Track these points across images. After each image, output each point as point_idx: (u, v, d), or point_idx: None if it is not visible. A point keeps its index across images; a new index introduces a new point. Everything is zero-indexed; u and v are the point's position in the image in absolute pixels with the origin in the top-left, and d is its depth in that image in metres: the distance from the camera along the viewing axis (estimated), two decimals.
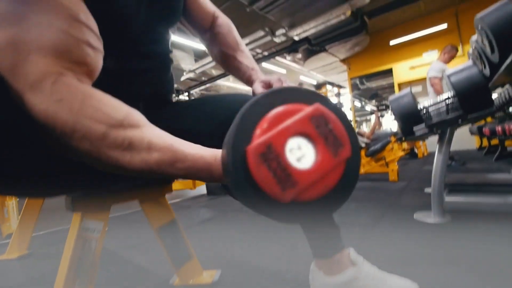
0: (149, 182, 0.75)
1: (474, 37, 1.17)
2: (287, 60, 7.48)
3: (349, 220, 1.34)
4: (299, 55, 6.75)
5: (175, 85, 0.61)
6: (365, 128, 17.99)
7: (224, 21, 0.72)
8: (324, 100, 0.31)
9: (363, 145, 2.73)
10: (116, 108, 0.35)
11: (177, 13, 0.61)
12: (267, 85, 0.63)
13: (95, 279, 0.61)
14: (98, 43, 0.40)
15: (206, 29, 0.72)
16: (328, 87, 10.15)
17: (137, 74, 0.56)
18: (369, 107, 14.42)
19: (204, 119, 0.60)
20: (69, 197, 0.59)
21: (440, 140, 1.21)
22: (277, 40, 5.14)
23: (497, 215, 1.17)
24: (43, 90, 0.32)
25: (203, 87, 8.70)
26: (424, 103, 1.17)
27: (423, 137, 1.40)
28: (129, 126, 0.35)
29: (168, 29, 0.62)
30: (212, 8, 0.72)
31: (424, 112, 1.19)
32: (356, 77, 7.35)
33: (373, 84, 8.48)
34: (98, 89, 0.37)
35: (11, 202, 1.83)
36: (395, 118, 1.17)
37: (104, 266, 1.01)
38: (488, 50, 0.98)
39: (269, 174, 0.26)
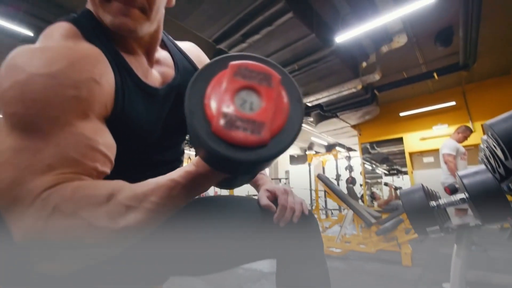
0: None
1: (485, 137, 1.17)
2: None
3: None
4: (311, 118, 7.01)
5: None
6: (377, 191, 17.44)
7: None
8: (234, 57, 0.33)
9: (373, 220, 2.59)
10: (103, 184, 0.37)
11: None
12: (273, 195, 0.62)
13: None
14: (106, 168, 0.42)
15: None
16: (339, 148, 10.25)
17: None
18: (379, 170, 14.21)
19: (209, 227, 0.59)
20: None
21: (458, 242, 1.12)
22: None
23: None
24: (36, 208, 0.34)
25: None
26: (439, 201, 1.12)
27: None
28: (118, 192, 0.36)
29: (183, 136, 0.64)
30: None
31: (438, 210, 1.13)
32: (366, 142, 7.43)
33: (384, 149, 8.49)
34: None
35: None
36: (407, 215, 1.11)
37: None
38: (501, 154, 0.96)
39: (241, 132, 0.29)
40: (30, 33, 2.96)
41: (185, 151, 0.71)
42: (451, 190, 1.39)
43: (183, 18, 2.95)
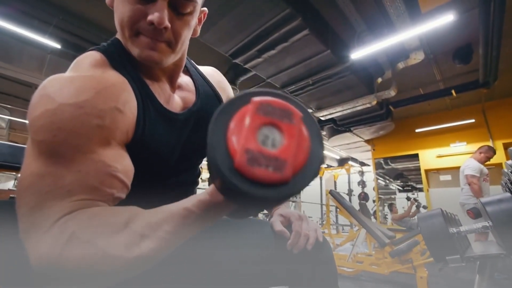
0: None
1: (509, 163, 1.14)
2: None
3: None
4: (324, 132, 6.96)
5: None
6: (395, 202, 16.92)
7: None
8: (256, 93, 0.34)
9: (387, 241, 2.51)
10: (119, 211, 0.39)
11: None
12: (287, 221, 0.62)
13: None
14: (122, 194, 0.43)
15: None
16: (351, 163, 10.07)
17: (164, 202, 0.58)
18: (393, 185, 13.80)
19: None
20: None
21: (480, 272, 1.07)
22: None
23: None
24: (53, 234, 0.35)
25: None
26: (460, 228, 1.08)
27: None
28: (133, 221, 0.37)
29: (202, 159, 0.66)
30: None
31: (458, 236, 1.09)
32: (380, 157, 7.28)
33: (398, 165, 8.29)
34: None
35: None
36: (426, 242, 1.07)
37: None
38: None
39: (263, 169, 0.29)
40: (58, 46, 3.13)
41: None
42: (475, 214, 1.34)
43: (201, 34, 3.04)
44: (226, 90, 0.73)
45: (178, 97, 0.59)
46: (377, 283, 2.34)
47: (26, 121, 0.41)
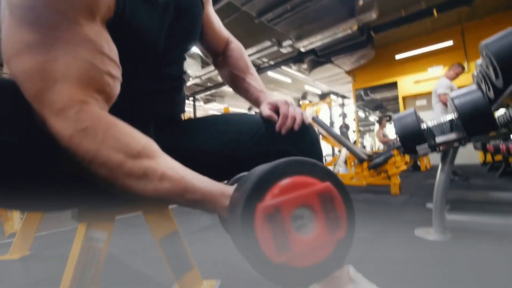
0: None
1: (479, 61, 1.19)
2: (292, 70, 7.55)
3: None
4: (305, 65, 6.82)
5: None
6: (369, 138, 18.03)
7: (237, 46, 0.76)
8: (335, 180, 0.34)
9: (365, 157, 2.73)
10: (135, 139, 0.38)
11: (194, 38, 0.64)
12: (274, 107, 0.65)
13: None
14: (118, 72, 0.43)
15: (219, 53, 0.75)
16: (333, 97, 10.20)
17: (152, 95, 0.58)
18: (372, 117, 14.41)
19: (213, 138, 0.62)
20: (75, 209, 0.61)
21: (443, 159, 1.21)
22: (283, 50, 5.21)
23: (500, 235, 1.16)
24: (68, 118, 0.34)
25: (208, 92, 8.78)
26: (427, 123, 1.18)
27: (425, 154, 1.41)
28: (145, 157, 0.37)
29: (185, 52, 0.64)
30: (226, 34, 0.76)
31: (427, 131, 1.20)
32: (360, 88, 7.38)
33: (377, 95, 8.50)
34: (115, 109, 0.39)
35: None
36: (398, 137, 1.18)
37: (104, 271, 1.02)
38: (492, 75, 1.00)
39: (270, 234, 0.28)
40: None
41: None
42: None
43: None
44: None
45: None
46: (357, 193, 2.63)
47: None
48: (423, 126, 1.21)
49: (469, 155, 5.51)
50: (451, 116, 1.15)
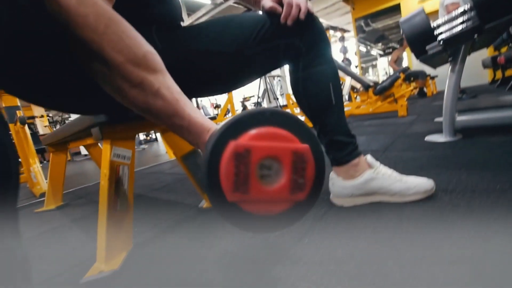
0: None
1: None
2: None
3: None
4: None
5: None
6: (372, 73, 17.30)
7: None
8: (316, 147, 0.33)
9: (371, 83, 2.67)
10: (138, 44, 0.37)
11: None
12: (278, 0, 0.61)
13: (133, 201, 0.67)
14: None
15: None
16: (331, 32, 9.58)
17: None
18: (375, 51, 13.70)
19: (219, 39, 0.61)
20: (96, 126, 0.62)
21: (454, 58, 1.17)
22: None
23: (510, 129, 1.18)
24: None
25: None
26: (437, 21, 1.11)
27: (434, 61, 1.35)
28: (145, 67, 0.36)
29: None
30: None
31: (438, 30, 1.14)
32: (360, 17, 6.88)
33: (379, 24, 7.94)
34: (116, 9, 0.37)
35: (35, 166, 1.93)
36: (407, 40, 1.12)
37: (136, 204, 1.10)
38: None
39: (233, 171, 0.28)
40: None
41: None
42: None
43: None
44: None
45: None
46: (363, 120, 2.64)
47: None
48: (433, 24, 1.14)
49: (477, 74, 5.34)
50: (462, 8, 1.08)
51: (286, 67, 0.70)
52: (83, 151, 5.25)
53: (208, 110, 8.99)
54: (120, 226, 0.63)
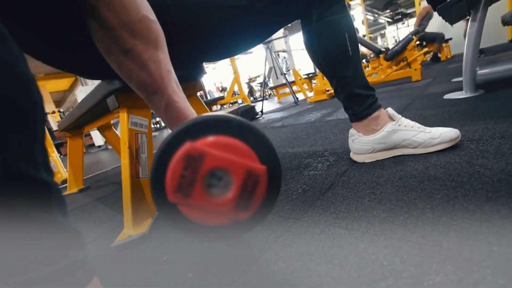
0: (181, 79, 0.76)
1: None
2: None
3: None
4: None
5: None
6: (380, 41, 16.48)
7: None
8: (275, 171, 0.31)
9: (382, 49, 2.56)
10: (136, 6, 0.36)
11: None
12: None
13: None
14: None
15: None
16: None
17: None
18: (382, 19, 13.05)
19: None
20: (112, 95, 0.62)
21: (476, 4, 1.09)
22: None
23: None
24: None
25: None
26: None
27: (453, 13, 1.27)
28: (139, 34, 0.35)
29: None
30: None
31: None
32: None
33: None
34: None
35: (54, 155, 1.98)
36: None
37: None
38: None
39: (179, 172, 0.27)
40: None
41: None
42: None
43: None
44: None
45: None
46: (377, 87, 2.55)
47: None
48: None
49: (496, 34, 5.03)
50: None
51: (292, 42, 0.67)
52: (97, 142, 5.36)
53: (214, 95, 8.91)
54: (143, 193, 0.64)
